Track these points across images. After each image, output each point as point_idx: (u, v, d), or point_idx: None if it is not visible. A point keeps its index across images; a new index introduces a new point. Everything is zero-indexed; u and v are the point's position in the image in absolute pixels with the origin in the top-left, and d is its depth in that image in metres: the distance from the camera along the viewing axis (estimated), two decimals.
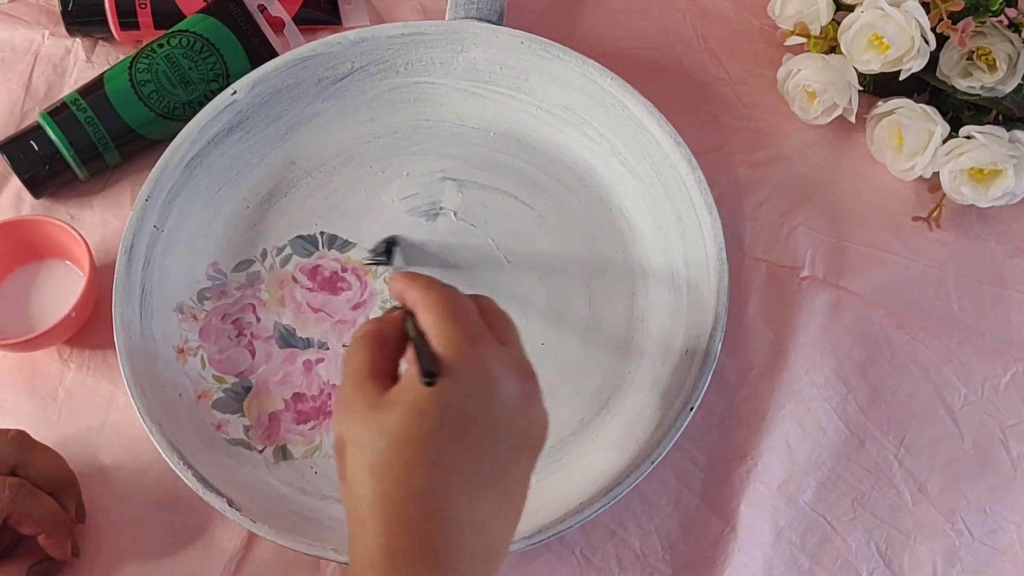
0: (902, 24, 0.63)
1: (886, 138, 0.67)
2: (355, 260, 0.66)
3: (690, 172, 0.63)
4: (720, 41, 0.74)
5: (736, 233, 0.67)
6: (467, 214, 0.67)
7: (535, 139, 0.68)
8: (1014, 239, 0.68)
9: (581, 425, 0.62)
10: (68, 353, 0.64)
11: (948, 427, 0.63)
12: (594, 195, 0.67)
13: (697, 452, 0.62)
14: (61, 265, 0.66)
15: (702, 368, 0.59)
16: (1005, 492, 0.61)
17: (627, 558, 0.59)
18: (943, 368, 0.64)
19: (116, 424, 0.62)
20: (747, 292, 0.66)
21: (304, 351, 0.64)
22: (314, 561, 0.59)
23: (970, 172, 0.64)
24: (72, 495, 0.57)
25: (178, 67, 0.68)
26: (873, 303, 0.65)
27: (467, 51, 0.68)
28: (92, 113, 0.67)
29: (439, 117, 0.69)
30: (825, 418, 0.62)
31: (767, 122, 0.71)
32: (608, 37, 0.74)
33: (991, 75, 0.64)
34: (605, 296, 0.65)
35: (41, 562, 0.56)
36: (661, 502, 0.61)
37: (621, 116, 0.66)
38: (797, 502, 0.60)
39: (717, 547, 0.59)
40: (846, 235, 0.68)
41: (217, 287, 0.65)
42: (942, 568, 0.59)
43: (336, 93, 0.68)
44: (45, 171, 0.67)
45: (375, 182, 0.68)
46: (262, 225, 0.67)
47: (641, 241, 0.66)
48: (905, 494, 0.61)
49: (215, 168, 0.66)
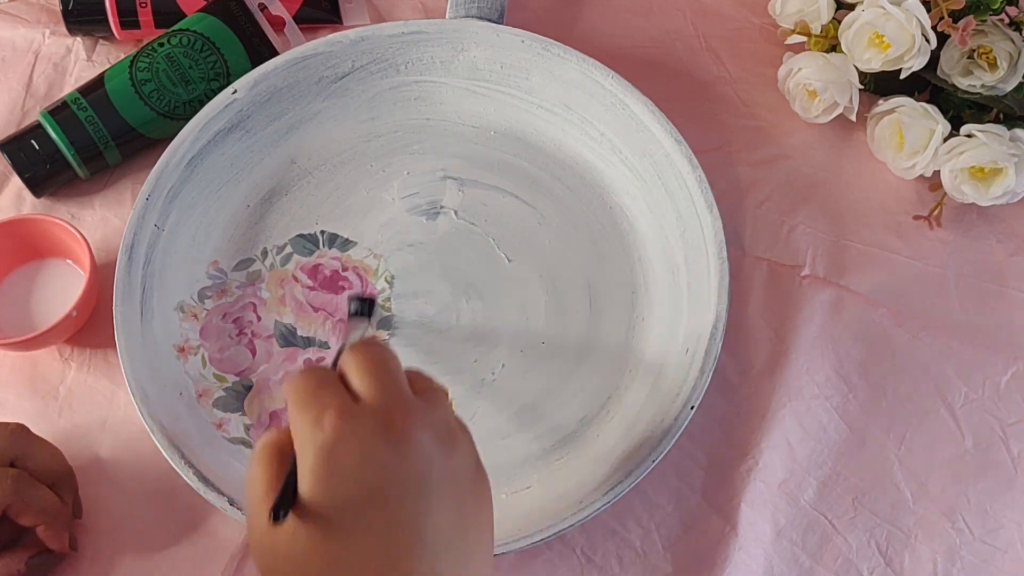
0: (903, 23, 0.63)
1: (887, 137, 0.67)
2: (356, 259, 0.66)
3: (691, 171, 0.63)
4: (721, 40, 0.74)
5: (737, 232, 0.67)
6: (468, 213, 0.67)
7: (536, 138, 0.68)
8: (1015, 238, 0.68)
9: (581, 424, 0.62)
10: (69, 352, 0.64)
11: (949, 426, 0.63)
12: (595, 194, 0.67)
13: (698, 451, 0.62)
14: (62, 264, 0.66)
15: (703, 367, 0.59)
16: (1006, 491, 0.61)
17: (628, 557, 0.59)
18: (944, 367, 0.64)
19: (117, 423, 0.62)
20: (748, 291, 0.66)
21: (305, 350, 0.64)
22: None
23: (971, 171, 0.64)
24: (70, 489, 0.58)
25: (179, 66, 0.68)
26: (874, 302, 0.65)
27: (468, 50, 0.68)
28: (93, 112, 0.67)
29: (440, 116, 0.69)
30: (826, 417, 0.62)
31: (768, 121, 0.71)
32: (609, 36, 0.74)
33: (992, 74, 0.64)
34: (605, 295, 0.65)
35: (40, 554, 0.56)
36: (662, 501, 0.61)
37: (622, 115, 0.66)
38: (798, 501, 0.60)
39: (718, 546, 0.59)
40: (847, 234, 0.68)
41: (218, 286, 0.65)
42: (943, 567, 0.59)
43: (337, 92, 0.68)
44: (46, 170, 0.67)
45: (376, 181, 0.68)
46: (263, 224, 0.67)
47: (641, 240, 0.66)
48: (906, 493, 0.61)
49: (216, 167, 0.66)
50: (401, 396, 0.42)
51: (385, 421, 0.41)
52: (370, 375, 0.42)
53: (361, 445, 0.40)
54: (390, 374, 0.43)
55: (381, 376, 0.43)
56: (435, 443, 0.42)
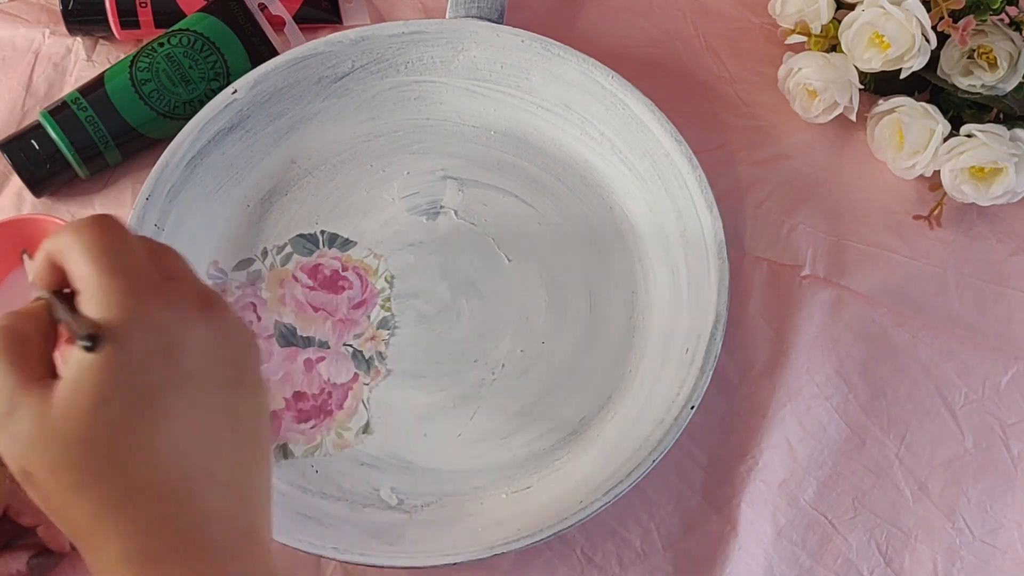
0: (903, 22, 0.63)
1: (887, 136, 0.67)
2: (356, 259, 0.66)
3: (691, 170, 0.63)
4: (721, 39, 0.74)
5: (737, 231, 0.67)
6: (468, 213, 0.67)
7: (536, 138, 0.68)
8: (1015, 237, 0.68)
9: (582, 424, 0.62)
10: None
11: (949, 426, 0.63)
12: (595, 193, 0.67)
13: (698, 451, 0.62)
14: None
15: (703, 367, 0.58)
16: (1006, 491, 0.61)
17: (628, 557, 0.59)
18: (944, 367, 0.64)
19: None
20: (748, 291, 0.66)
21: (305, 350, 0.64)
22: (315, 560, 0.59)
23: (971, 170, 0.64)
24: None
25: (179, 66, 0.68)
26: (874, 302, 0.65)
27: (468, 50, 0.68)
28: (93, 112, 0.67)
29: (440, 116, 0.69)
30: (826, 417, 0.62)
31: (768, 120, 0.71)
32: (609, 35, 0.74)
33: (992, 73, 0.64)
34: (605, 294, 0.65)
35: (40, 554, 0.56)
36: (662, 501, 0.61)
37: (622, 114, 0.65)
38: (798, 501, 0.60)
39: (718, 546, 0.59)
40: (847, 233, 0.68)
41: (218, 286, 0.65)
42: (943, 567, 0.59)
43: (337, 92, 0.68)
44: (46, 170, 0.67)
45: (376, 181, 0.68)
46: (263, 224, 0.67)
47: (641, 239, 0.66)
48: (906, 493, 0.61)
49: (216, 167, 0.66)
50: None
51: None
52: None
53: (161, 295, 0.39)
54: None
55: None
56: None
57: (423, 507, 0.60)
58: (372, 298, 0.65)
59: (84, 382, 0.36)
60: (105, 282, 0.38)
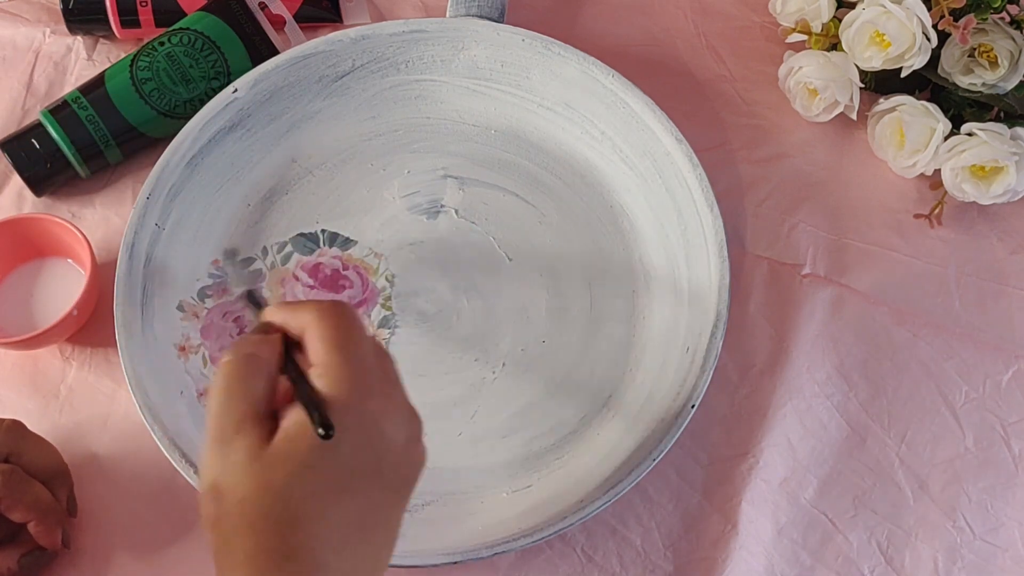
0: (903, 21, 0.63)
1: (887, 135, 0.67)
2: (356, 258, 0.66)
3: (691, 169, 0.63)
4: (721, 38, 0.74)
5: (737, 230, 0.67)
6: (468, 212, 0.67)
7: (536, 136, 0.68)
8: (1015, 236, 0.68)
9: (582, 423, 0.62)
10: (70, 351, 0.65)
11: (949, 424, 0.63)
12: (595, 192, 0.67)
13: (699, 449, 0.62)
14: (63, 263, 0.66)
15: (703, 365, 0.59)
16: (1006, 489, 0.61)
17: (628, 555, 0.59)
18: (944, 365, 0.64)
19: (117, 421, 0.62)
20: (748, 289, 0.66)
21: None
22: None
23: (971, 169, 0.64)
24: (64, 486, 0.58)
25: (179, 65, 0.68)
26: (874, 300, 0.65)
27: (468, 48, 0.68)
28: (93, 111, 0.67)
29: (440, 115, 0.69)
30: (826, 415, 0.62)
31: (768, 119, 0.71)
32: (609, 34, 0.74)
33: (992, 72, 0.64)
34: (606, 293, 0.65)
35: (32, 552, 0.56)
36: (663, 499, 0.61)
37: (622, 113, 0.65)
38: (799, 499, 0.60)
39: (719, 544, 0.59)
40: (847, 232, 0.68)
41: (218, 285, 0.65)
42: (943, 565, 0.59)
43: (337, 91, 0.68)
44: (46, 169, 0.67)
45: (376, 180, 0.68)
46: (263, 223, 0.67)
47: (642, 238, 0.66)
48: (906, 491, 0.61)
49: (216, 166, 0.66)
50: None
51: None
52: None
53: (380, 396, 0.42)
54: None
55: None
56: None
57: (424, 506, 0.60)
58: (373, 297, 0.65)
59: (301, 447, 0.40)
60: (341, 366, 0.41)
